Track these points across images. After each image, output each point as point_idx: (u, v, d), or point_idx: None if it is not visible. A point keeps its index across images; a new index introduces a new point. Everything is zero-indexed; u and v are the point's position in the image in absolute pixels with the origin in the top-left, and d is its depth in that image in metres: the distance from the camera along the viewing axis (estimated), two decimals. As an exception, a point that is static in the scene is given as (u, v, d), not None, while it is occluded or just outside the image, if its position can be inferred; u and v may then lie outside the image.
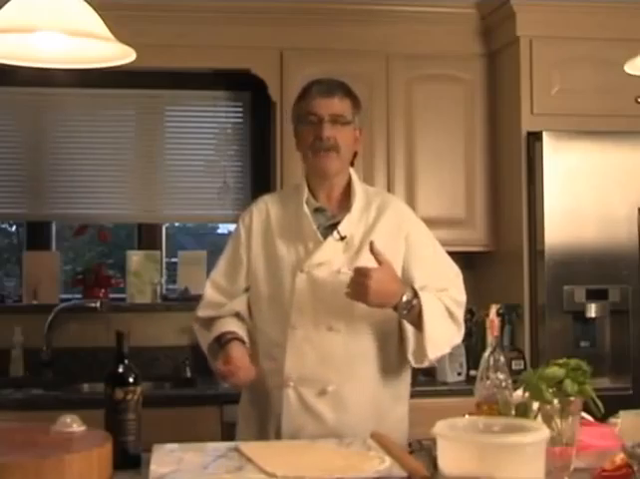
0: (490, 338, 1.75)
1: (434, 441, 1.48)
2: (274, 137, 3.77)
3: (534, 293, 3.53)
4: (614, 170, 3.52)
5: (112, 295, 3.94)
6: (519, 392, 1.69)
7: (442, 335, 2.27)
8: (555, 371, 1.65)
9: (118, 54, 1.79)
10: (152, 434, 1.94)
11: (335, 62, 3.73)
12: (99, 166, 3.97)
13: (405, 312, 2.21)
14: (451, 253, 4.39)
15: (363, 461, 1.78)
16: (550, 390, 1.63)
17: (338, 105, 2.33)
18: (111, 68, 1.86)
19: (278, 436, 2.27)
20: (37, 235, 4.06)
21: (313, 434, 2.21)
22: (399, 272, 2.29)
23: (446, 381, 3.52)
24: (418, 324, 2.23)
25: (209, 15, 3.65)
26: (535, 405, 1.64)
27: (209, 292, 2.45)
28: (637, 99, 3.59)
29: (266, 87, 3.72)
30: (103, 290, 3.90)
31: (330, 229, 2.33)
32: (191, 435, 2.42)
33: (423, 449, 1.82)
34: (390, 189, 3.76)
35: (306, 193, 2.37)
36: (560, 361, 1.68)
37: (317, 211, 2.37)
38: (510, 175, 3.70)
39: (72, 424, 1.74)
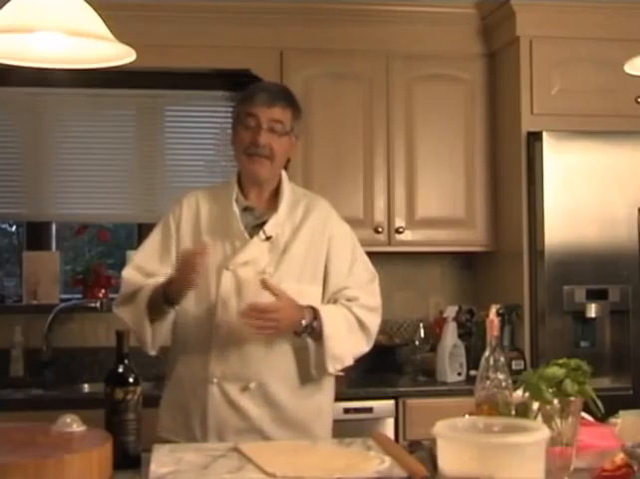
0: (490, 338, 1.75)
1: (434, 441, 1.48)
2: (274, 137, 3.77)
3: (534, 294, 3.53)
4: (614, 170, 3.52)
5: (112, 295, 3.93)
6: (519, 392, 1.69)
7: (343, 350, 2.35)
8: (555, 371, 1.65)
9: (118, 54, 1.79)
10: (152, 434, 1.95)
11: (335, 62, 3.73)
12: (99, 166, 3.96)
13: (305, 335, 2.30)
14: (451, 254, 4.36)
15: (363, 461, 1.78)
16: (550, 390, 1.63)
17: (278, 114, 2.37)
18: (111, 68, 1.85)
19: (204, 430, 2.31)
20: (37, 235, 4.05)
21: (238, 428, 2.28)
22: (321, 272, 2.38)
23: (446, 381, 3.51)
24: (320, 341, 2.31)
25: (209, 15, 3.65)
26: (535, 405, 1.64)
27: (131, 274, 2.39)
28: (637, 99, 3.59)
29: (266, 87, 3.72)
30: (103, 290, 3.90)
31: (257, 228, 2.38)
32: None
33: (423, 449, 1.82)
34: (390, 189, 3.76)
35: (236, 191, 2.41)
36: (560, 361, 1.68)
37: (246, 209, 2.41)
38: (510, 175, 3.70)
39: (72, 424, 1.74)
